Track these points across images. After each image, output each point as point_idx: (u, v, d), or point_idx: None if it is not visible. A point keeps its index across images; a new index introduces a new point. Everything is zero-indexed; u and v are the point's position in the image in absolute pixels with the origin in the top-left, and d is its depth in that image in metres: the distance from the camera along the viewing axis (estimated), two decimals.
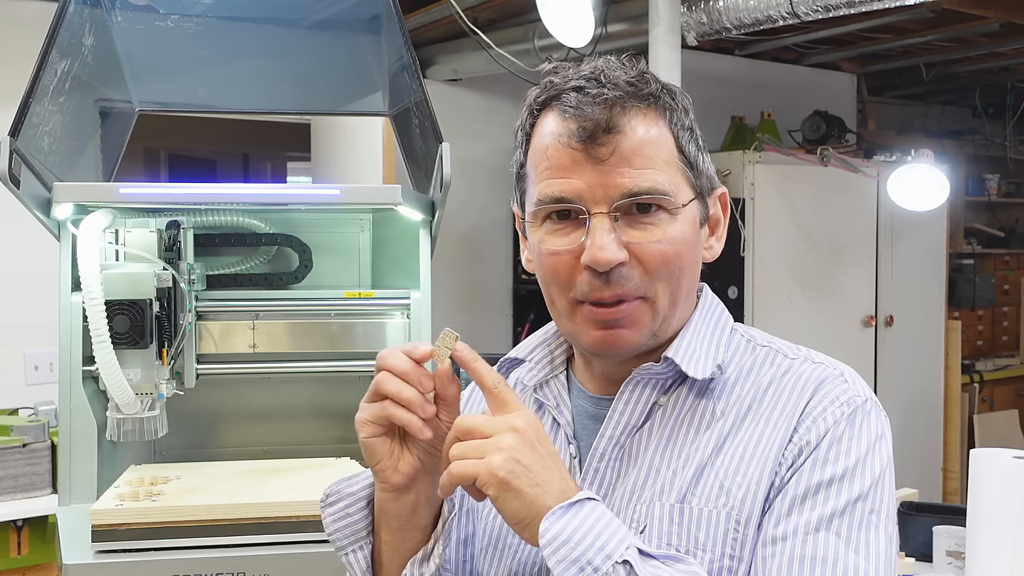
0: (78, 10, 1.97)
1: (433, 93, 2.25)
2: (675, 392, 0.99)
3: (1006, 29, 3.96)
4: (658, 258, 0.94)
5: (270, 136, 6.03)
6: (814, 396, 0.95)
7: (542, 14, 2.93)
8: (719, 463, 0.94)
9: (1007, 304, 5.79)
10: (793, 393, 0.96)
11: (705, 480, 0.93)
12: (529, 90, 0.99)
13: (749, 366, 1.00)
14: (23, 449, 2.72)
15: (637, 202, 0.93)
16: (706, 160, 1.00)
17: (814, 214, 4.06)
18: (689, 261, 0.97)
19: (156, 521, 1.57)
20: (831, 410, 0.93)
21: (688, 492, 0.93)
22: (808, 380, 0.97)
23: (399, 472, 0.94)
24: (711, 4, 3.19)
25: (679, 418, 0.98)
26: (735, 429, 0.95)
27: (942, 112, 5.91)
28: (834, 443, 0.92)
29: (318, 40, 2.35)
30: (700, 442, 0.96)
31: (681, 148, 0.97)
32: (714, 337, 1.01)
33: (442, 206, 1.88)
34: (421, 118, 2.14)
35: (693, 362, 0.97)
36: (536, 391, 1.06)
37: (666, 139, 0.96)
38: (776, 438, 0.93)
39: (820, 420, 0.93)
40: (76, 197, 1.75)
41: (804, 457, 0.91)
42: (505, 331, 4.29)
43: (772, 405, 0.96)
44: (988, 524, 1.67)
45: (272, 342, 1.95)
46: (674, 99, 0.98)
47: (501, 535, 1.03)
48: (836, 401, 0.94)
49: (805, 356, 1.00)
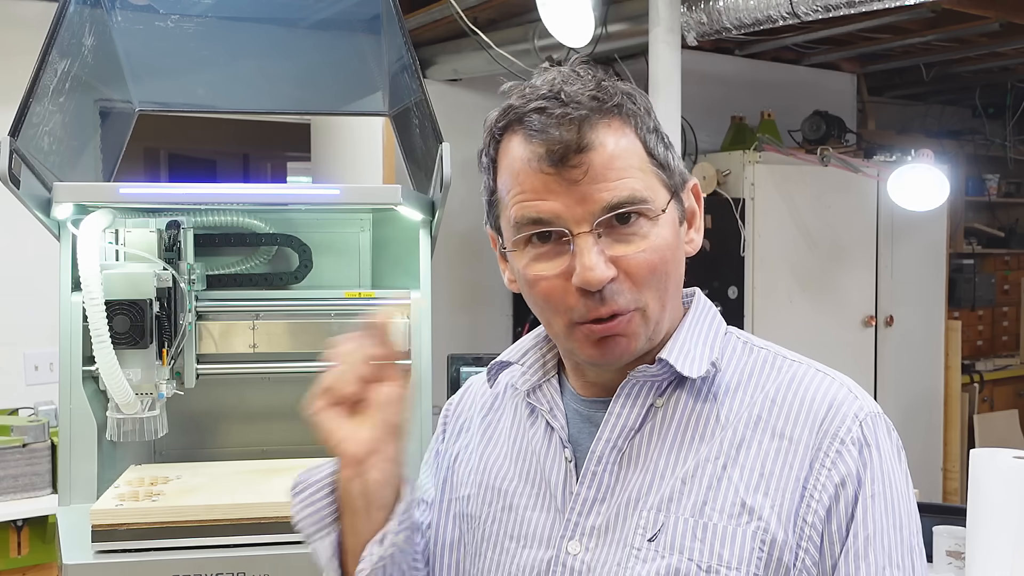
0: (78, 10, 1.97)
1: (433, 93, 2.25)
2: (673, 394, 0.98)
3: (1006, 29, 3.96)
4: (645, 268, 0.93)
5: (270, 136, 6.03)
6: (830, 411, 0.94)
7: (542, 14, 2.93)
8: (736, 477, 0.93)
9: (1007, 304, 5.79)
10: (804, 405, 0.96)
11: (723, 493, 0.93)
12: (488, 113, 0.98)
13: (750, 370, 0.99)
14: (23, 449, 2.72)
15: (618, 214, 0.92)
16: (675, 156, 0.99)
17: (814, 214, 4.06)
18: (674, 263, 0.97)
19: (156, 521, 1.57)
20: (855, 430, 0.93)
21: (706, 505, 0.93)
22: (817, 391, 0.96)
23: (354, 442, 0.95)
24: (711, 4, 3.19)
25: (681, 422, 0.97)
26: (747, 441, 0.95)
27: (942, 112, 5.91)
28: (866, 469, 0.92)
29: (318, 40, 2.35)
30: (709, 450, 0.95)
31: (651, 152, 0.96)
32: (707, 337, 1.01)
33: (442, 206, 1.88)
34: (421, 118, 2.14)
35: (688, 362, 0.97)
36: (529, 395, 1.05)
37: (635, 146, 0.94)
38: (797, 457, 0.93)
39: (846, 446, 0.93)
40: (76, 197, 1.75)
41: (848, 497, 0.92)
42: (505, 331, 4.29)
43: (785, 418, 0.95)
44: (988, 524, 1.67)
45: (272, 342, 1.95)
46: (635, 103, 0.96)
47: (499, 539, 1.03)
48: (855, 419, 0.94)
49: (808, 363, 1.00)
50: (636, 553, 0.93)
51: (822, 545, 0.91)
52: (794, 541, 0.91)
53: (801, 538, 0.91)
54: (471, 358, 2.01)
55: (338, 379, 0.96)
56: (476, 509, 1.06)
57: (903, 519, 0.93)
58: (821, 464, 0.92)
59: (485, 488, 1.06)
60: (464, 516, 1.08)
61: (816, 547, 0.91)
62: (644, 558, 0.92)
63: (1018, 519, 1.62)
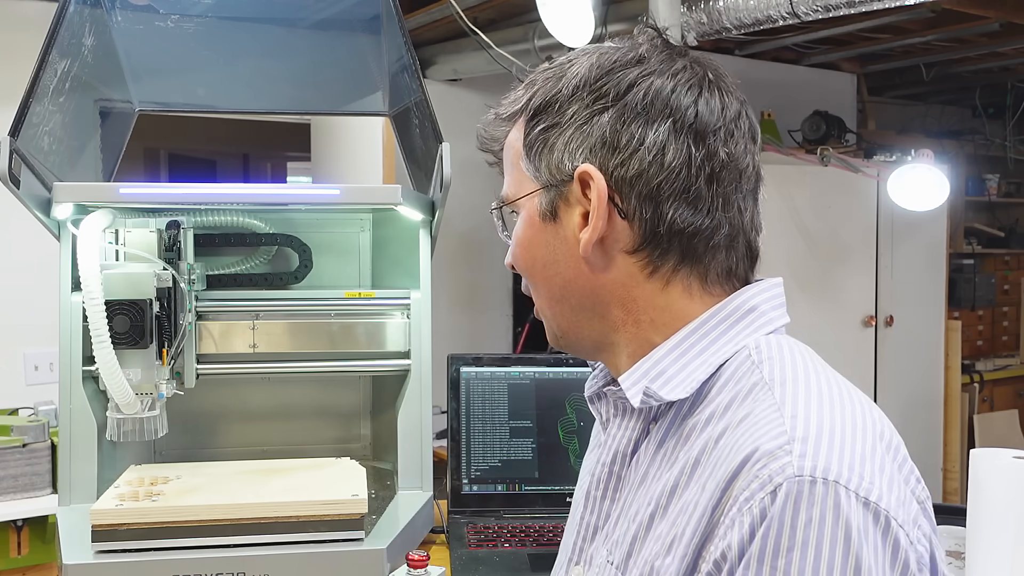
0: (78, 10, 1.97)
1: (433, 93, 2.25)
2: (661, 420, 0.86)
3: (1006, 29, 3.96)
4: (513, 262, 0.93)
5: (270, 136, 6.03)
6: (744, 466, 0.72)
7: (542, 14, 2.93)
8: (658, 531, 0.78)
9: (1007, 304, 5.79)
10: (729, 453, 0.74)
11: (645, 547, 0.79)
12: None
13: (731, 399, 0.80)
14: (23, 449, 2.72)
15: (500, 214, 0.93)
16: (568, 138, 0.84)
17: (814, 214, 4.06)
18: (541, 261, 0.88)
19: (156, 521, 1.57)
20: (758, 495, 0.69)
21: (629, 558, 0.81)
22: (748, 437, 0.74)
23: None
24: (711, 4, 3.18)
25: (655, 454, 0.85)
26: (679, 489, 0.78)
27: (942, 112, 5.91)
28: (748, 551, 0.69)
29: (318, 40, 2.35)
30: (652, 493, 0.81)
31: (526, 137, 0.87)
32: (700, 355, 0.84)
33: (442, 206, 1.88)
34: (421, 118, 2.14)
35: (659, 384, 0.83)
36: (591, 403, 0.95)
37: (516, 138, 0.89)
38: (702, 519, 0.74)
39: (741, 514, 0.70)
40: (76, 197, 1.75)
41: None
42: (505, 331, 4.29)
43: (712, 466, 0.76)
44: (988, 524, 1.66)
45: (272, 342, 1.95)
46: (552, 80, 0.87)
47: (560, 562, 1.00)
48: (767, 482, 0.70)
49: (783, 397, 0.76)
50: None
51: None
52: None
53: None
54: (471, 358, 2.01)
55: None
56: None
57: None
58: (715, 533, 0.72)
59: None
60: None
61: None
62: None
63: (1018, 519, 1.62)
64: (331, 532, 1.61)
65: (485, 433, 2.00)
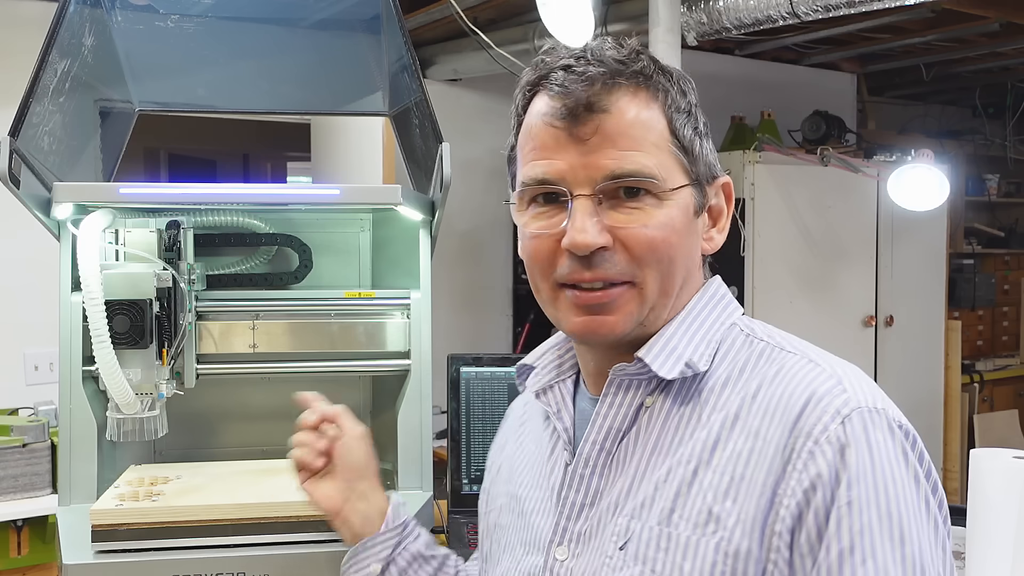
0: (78, 10, 1.97)
1: (433, 93, 2.25)
2: (662, 393, 0.92)
3: (1006, 29, 3.96)
4: (644, 243, 0.89)
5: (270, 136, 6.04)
6: (807, 406, 0.84)
7: (542, 14, 2.93)
8: (707, 481, 0.85)
9: (1007, 304, 5.79)
10: (781, 401, 0.85)
11: (691, 500, 0.85)
12: (524, 71, 0.97)
13: (743, 364, 0.91)
14: (23, 449, 2.72)
15: (623, 185, 0.89)
16: (707, 147, 0.95)
17: (814, 214, 4.06)
18: (681, 249, 0.92)
19: (156, 521, 1.57)
20: (832, 427, 0.82)
21: (673, 513, 0.85)
22: (799, 384, 0.86)
23: (327, 499, 1.18)
24: (711, 4, 3.18)
25: (666, 423, 0.90)
26: (722, 441, 0.86)
27: (942, 112, 5.91)
28: (843, 473, 0.80)
29: (318, 40, 2.35)
30: (684, 452, 0.88)
31: (675, 131, 0.91)
32: (704, 332, 0.93)
33: (442, 206, 1.88)
34: (421, 118, 2.14)
35: (671, 360, 0.90)
36: (539, 397, 1.01)
37: (657, 120, 0.91)
38: (765, 459, 0.83)
39: (820, 446, 0.81)
40: (76, 197, 1.75)
41: (819, 505, 0.80)
42: (505, 331, 4.29)
43: (761, 415, 0.86)
44: (988, 524, 1.66)
45: (272, 342, 1.95)
46: (670, 80, 0.93)
47: (513, 546, 1.02)
48: (836, 416, 0.83)
49: (802, 353, 0.90)
50: (608, 561, 0.88)
51: (792, 559, 0.81)
52: (762, 553, 0.82)
53: (769, 550, 0.82)
54: (471, 358, 2.01)
55: (301, 457, 1.19)
56: (504, 519, 1.05)
57: (904, 531, 0.80)
58: (793, 467, 0.82)
59: (510, 497, 1.06)
60: (495, 527, 1.08)
61: (786, 561, 0.81)
62: (614, 567, 0.88)
63: (1018, 519, 1.62)
64: (331, 532, 1.60)
65: (485, 433, 2.00)
